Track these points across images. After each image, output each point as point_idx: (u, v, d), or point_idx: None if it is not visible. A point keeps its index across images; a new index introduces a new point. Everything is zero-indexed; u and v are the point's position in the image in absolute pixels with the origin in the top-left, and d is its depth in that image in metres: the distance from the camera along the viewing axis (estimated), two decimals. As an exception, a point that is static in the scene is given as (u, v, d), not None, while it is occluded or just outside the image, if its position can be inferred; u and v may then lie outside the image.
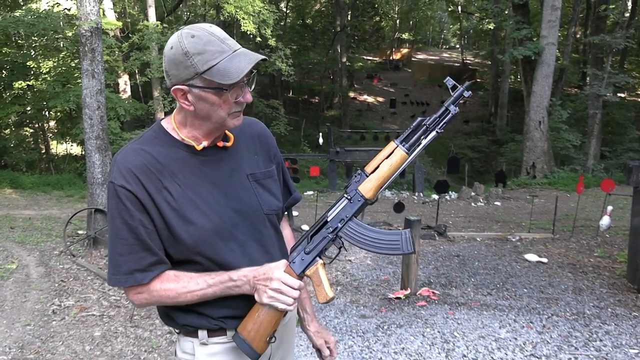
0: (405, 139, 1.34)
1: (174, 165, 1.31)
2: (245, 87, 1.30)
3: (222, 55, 1.24)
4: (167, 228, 1.29)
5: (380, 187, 1.35)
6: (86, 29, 6.70)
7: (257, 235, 1.39)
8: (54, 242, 7.20)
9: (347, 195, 1.34)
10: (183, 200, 1.29)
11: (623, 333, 4.02)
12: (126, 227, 1.27)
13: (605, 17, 19.42)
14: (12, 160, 17.04)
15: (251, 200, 1.38)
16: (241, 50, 1.28)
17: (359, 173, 1.34)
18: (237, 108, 1.32)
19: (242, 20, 14.63)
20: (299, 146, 21.48)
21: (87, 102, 6.75)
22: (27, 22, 13.21)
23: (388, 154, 1.33)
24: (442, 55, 46.33)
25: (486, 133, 26.77)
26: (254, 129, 1.52)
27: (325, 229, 1.36)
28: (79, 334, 4.10)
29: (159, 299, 1.32)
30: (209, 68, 1.23)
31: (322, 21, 31.44)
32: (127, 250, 1.27)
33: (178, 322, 1.38)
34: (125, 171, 1.26)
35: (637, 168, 4.93)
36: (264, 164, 1.47)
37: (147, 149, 1.31)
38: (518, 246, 7.07)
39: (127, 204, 1.26)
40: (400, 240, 1.38)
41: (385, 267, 6.04)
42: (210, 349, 1.38)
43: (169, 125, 1.37)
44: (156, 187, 1.28)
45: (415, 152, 1.34)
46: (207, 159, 1.36)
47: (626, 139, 19.79)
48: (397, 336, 3.97)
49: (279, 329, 1.46)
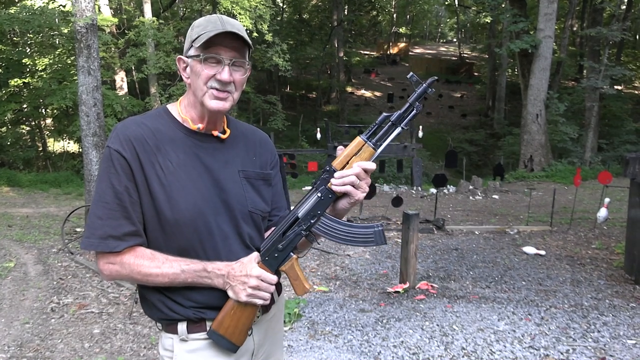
0: (372, 134, 1.35)
1: (171, 144, 1.35)
2: (226, 67, 1.32)
3: (213, 28, 1.30)
4: (152, 201, 1.31)
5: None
6: (82, 25, 6.66)
7: (238, 229, 1.40)
8: (52, 239, 7.19)
9: (318, 192, 1.35)
10: (172, 178, 1.32)
11: (621, 324, 4.03)
12: (112, 191, 1.29)
13: (602, 10, 19.42)
14: (9, 158, 16.99)
15: (238, 194, 1.39)
16: (229, 29, 1.31)
17: (327, 169, 1.34)
18: (216, 84, 1.33)
19: (238, 15, 14.57)
20: (297, 141, 21.46)
21: (84, 99, 6.72)
22: (22, 19, 13.14)
23: (356, 151, 1.34)
24: (439, 49, 46.25)
25: (484, 126, 26.79)
26: (258, 135, 1.56)
27: (298, 226, 1.37)
28: (78, 331, 4.10)
29: (130, 273, 1.31)
30: (197, 37, 1.31)
31: (319, 16, 31.37)
32: (107, 214, 1.29)
33: (160, 308, 1.38)
34: (123, 138, 1.31)
35: (634, 160, 4.93)
36: (260, 167, 1.49)
37: (148, 124, 1.36)
38: (516, 239, 7.08)
39: (118, 168, 1.29)
40: (372, 233, 1.40)
41: (384, 261, 6.05)
42: (190, 346, 1.38)
43: (174, 108, 1.43)
44: (150, 160, 1.31)
45: (380, 148, 1.34)
46: (202, 145, 1.39)
47: (623, 131, 19.84)
48: (396, 330, 3.98)
49: (263, 324, 1.49)
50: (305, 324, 4.09)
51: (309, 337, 3.85)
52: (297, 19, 30.52)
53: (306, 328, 4.01)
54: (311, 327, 4.03)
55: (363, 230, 1.40)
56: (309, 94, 31.51)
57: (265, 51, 17.22)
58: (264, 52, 17.27)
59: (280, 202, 1.58)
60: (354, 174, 1.30)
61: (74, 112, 15.46)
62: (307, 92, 31.61)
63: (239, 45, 1.33)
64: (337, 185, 1.31)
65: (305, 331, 3.95)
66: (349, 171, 1.31)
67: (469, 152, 22.66)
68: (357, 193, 1.33)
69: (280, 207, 1.58)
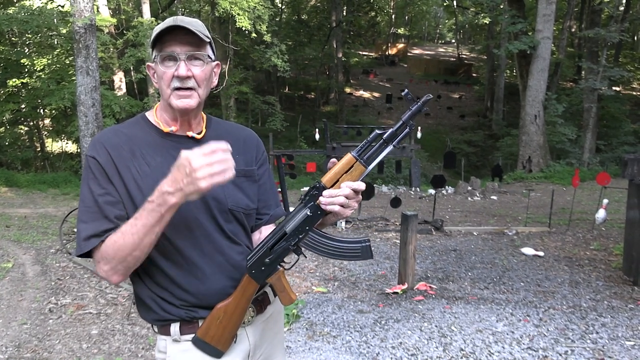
0: (363, 152, 1.34)
1: (146, 147, 1.38)
2: (182, 62, 1.32)
3: (165, 25, 1.31)
4: (131, 201, 1.33)
5: None
6: (80, 25, 6.66)
7: (219, 226, 1.40)
8: (50, 240, 7.17)
9: (307, 209, 1.34)
10: (149, 180, 1.32)
11: (619, 325, 4.04)
12: (90, 195, 1.32)
13: (600, 11, 19.46)
14: (7, 158, 16.96)
15: (216, 192, 1.37)
16: (179, 23, 1.31)
17: (317, 185, 1.34)
18: (177, 83, 1.33)
19: (237, 16, 14.57)
20: (296, 142, 21.46)
21: (82, 100, 6.72)
22: (20, 19, 13.11)
23: (347, 168, 1.32)
24: (437, 50, 46.31)
25: (482, 127, 26.82)
26: (242, 133, 1.55)
27: (286, 241, 1.36)
28: (76, 332, 4.09)
29: (114, 256, 1.27)
30: (154, 37, 1.33)
31: (317, 17, 31.36)
32: (90, 217, 1.31)
33: (154, 309, 1.39)
34: (98, 145, 1.35)
35: (633, 161, 4.94)
36: (244, 164, 1.48)
37: (124, 131, 1.40)
38: (515, 240, 7.09)
39: (96, 172, 1.33)
40: (360, 247, 1.41)
41: (383, 262, 6.05)
42: (183, 346, 1.39)
43: (150, 113, 1.47)
44: (126, 165, 1.34)
45: (371, 166, 1.34)
46: (177, 145, 1.38)
47: (621, 132, 19.87)
48: (394, 331, 3.97)
49: (259, 324, 1.49)
50: (303, 325, 4.09)
51: (307, 338, 3.84)
52: (295, 19, 30.52)
53: (304, 329, 4.01)
54: (309, 328, 4.02)
55: (350, 245, 1.41)
56: (308, 94, 31.50)
57: (264, 52, 17.22)
58: (262, 52, 17.28)
59: (269, 199, 1.56)
60: (343, 194, 1.29)
61: (72, 112, 15.44)
62: (306, 93, 31.61)
63: (194, 40, 1.33)
64: (326, 205, 1.31)
65: (304, 332, 3.94)
66: (338, 191, 1.30)
67: (467, 153, 22.68)
68: (345, 212, 1.32)
69: (269, 204, 1.56)
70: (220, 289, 1.39)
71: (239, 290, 1.38)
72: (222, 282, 1.39)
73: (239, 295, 1.38)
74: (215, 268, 1.38)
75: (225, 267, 1.40)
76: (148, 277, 1.39)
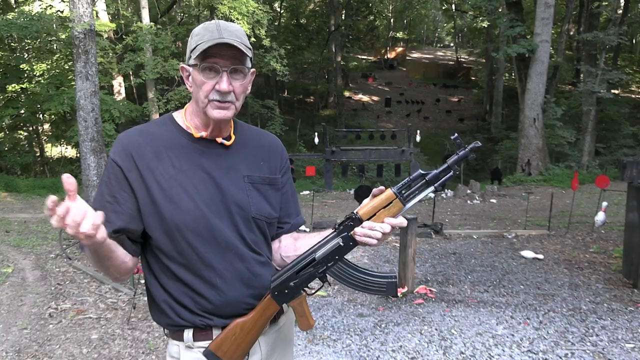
0: (404, 188, 1.32)
1: (173, 150, 1.37)
2: (224, 75, 1.31)
3: (209, 38, 1.29)
4: (153, 203, 1.32)
5: None
6: (79, 30, 6.67)
7: (241, 234, 1.38)
8: (49, 245, 7.17)
9: (340, 238, 1.33)
10: (173, 183, 1.33)
11: (619, 328, 4.04)
12: (100, 198, 1.34)
13: (599, 14, 19.53)
14: (6, 163, 16.97)
15: (241, 199, 1.38)
16: (226, 39, 1.29)
17: (353, 216, 1.32)
18: (216, 96, 1.32)
19: (236, 20, 14.59)
20: (295, 146, 21.47)
21: (82, 105, 6.73)
22: (20, 24, 13.12)
23: (386, 204, 1.31)
24: (436, 54, 46.40)
25: (481, 131, 26.82)
26: (268, 139, 1.54)
27: (313, 267, 1.35)
28: (76, 336, 4.08)
29: (95, 265, 1.32)
30: (195, 46, 1.31)
31: (316, 21, 31.43)
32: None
33: (168, 314, 1.38)
34: (122, 148, 1.35)
35: (632, 164, 4.96)
36: (268, 172, 1.47)
37: (151, 131, 1.40)
38: (514, 243, 7.09)
39: (111, 177, 1.34)
40: (386, 283, 1.40)
41: (383, 265, 6.05)
42: (196, 353, 1.38)
43: (179, 115, 1.45)
44: (148, 167, 1.33)
45: (409, 204, 1.32)
46: (205, 151, 1.39)
47: (620, 135, 19.90)
48: (394, 334, 3.98)
49: (272, 335, 1.48)
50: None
51: (308, 342, 3.84)
52: (294, 23, 30.59)
53: (304, 333, 4.01)
54: (309, 332, 4.02)
55: (376, 279, 1.40)
56: (307, 98, 31.55)
57: (262, 56, 17.24)
58: (261, 57, 17.31)
59: (290, 208, 1.55)
60: (383, 231, 1.29)
61: (71, 117, 15.46)
62: (305, 97, 31.65)
63: (237, 54, 1.31)
64: (361, 236, 1.30)
65: (304, 336, 3.94)
66: (379, 226, 1.29)
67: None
68: (375, 243, 1.32)
69: (290, 213, 1.56)
70: (238, 297, 1.37)
71: (258, 310, 1.37)
72: (241, 291, 1.37)
73: (258, 315, 1.37)
74: (235, 275, 1.37)
75: (244, 275, 1.38)
76: (165, 279, 1.38)
